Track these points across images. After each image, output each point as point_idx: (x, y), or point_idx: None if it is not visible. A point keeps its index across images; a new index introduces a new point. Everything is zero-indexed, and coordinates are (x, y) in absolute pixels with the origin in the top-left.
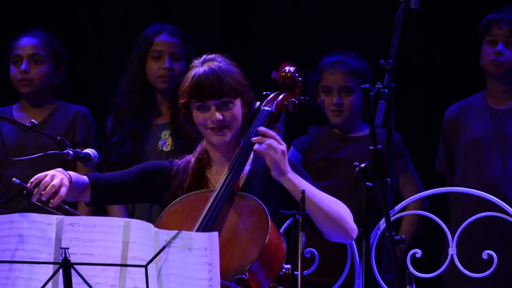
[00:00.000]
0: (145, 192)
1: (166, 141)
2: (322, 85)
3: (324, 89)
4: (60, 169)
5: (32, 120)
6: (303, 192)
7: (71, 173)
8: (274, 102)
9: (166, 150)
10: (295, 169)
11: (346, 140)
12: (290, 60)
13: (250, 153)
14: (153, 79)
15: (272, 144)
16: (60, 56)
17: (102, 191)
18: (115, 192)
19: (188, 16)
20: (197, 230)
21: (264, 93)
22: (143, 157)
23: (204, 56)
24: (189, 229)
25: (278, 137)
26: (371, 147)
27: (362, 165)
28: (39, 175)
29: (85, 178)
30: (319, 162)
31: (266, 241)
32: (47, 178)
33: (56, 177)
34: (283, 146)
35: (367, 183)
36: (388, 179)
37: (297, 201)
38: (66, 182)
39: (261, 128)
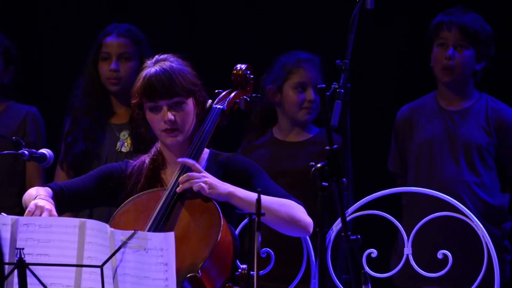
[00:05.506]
0: (104, 196)
1: (124, 142)
2: (296, 81)
3: (297, 85)
4: (43, 195)
5: None
6: (259, 192)
7: (46, 190)
8: (226, 100)
9: (125, 151)
10: (251, 171)
11: (286, 146)
12: (244, 59)
13: (202, 151)
14: (104, 81)
15: (201, 184)
16: (10, 55)
17: (66, 201)
18: (77, 200)
19: (148, 16)
20: (149, 229)
21: (216, 91)
22: (101, 157)
23: (156, 56)
24: (142, 228)
25: (197, 167)
26: (327, 147)
27: (319, 165)
28: (28, 210)
29: (49, 190)
30: None
31: (219, 239)
32: (37, 212)
33: (45, 209)
34: (203, 179)
35: (323, 183)
36: (344, 179)
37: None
38: (54, 212)
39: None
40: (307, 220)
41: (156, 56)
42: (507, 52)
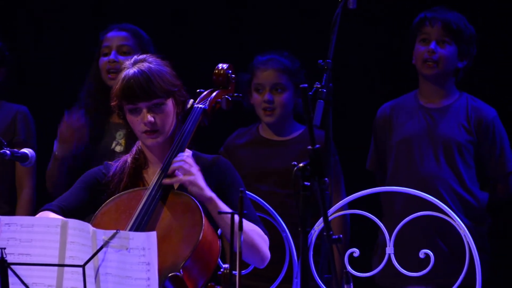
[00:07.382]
0: (95, 203)
1: (119, 142)
2: (254, 82)
3: (256, 86)
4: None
5: None
6: (241, 191)
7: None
8: (207, 100)
9: (118, 150)
10: (233, 179)
11: (272, 145)
12: (227, 60)
13: (183, 151)
14: (104, 76)
15: (183, 166)
16: (3, 56)
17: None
18: (75, 216)
19: (131, 14)
20: (131, 229)
21: (197, 90)
22: (97, 156)
23: (135, 57)
24: (123, 228)
25: (188, 160)
26: (310, 147)
27: (301, 164)
28: None
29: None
30: (247, 176)
31: (200, 238)
32: None
33: None
34: (193, 169)
35: (305, 183)
36: (326, 179)
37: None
38: None
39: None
40: (267, 253)
41: (135, 57)
42: (501, 52)
